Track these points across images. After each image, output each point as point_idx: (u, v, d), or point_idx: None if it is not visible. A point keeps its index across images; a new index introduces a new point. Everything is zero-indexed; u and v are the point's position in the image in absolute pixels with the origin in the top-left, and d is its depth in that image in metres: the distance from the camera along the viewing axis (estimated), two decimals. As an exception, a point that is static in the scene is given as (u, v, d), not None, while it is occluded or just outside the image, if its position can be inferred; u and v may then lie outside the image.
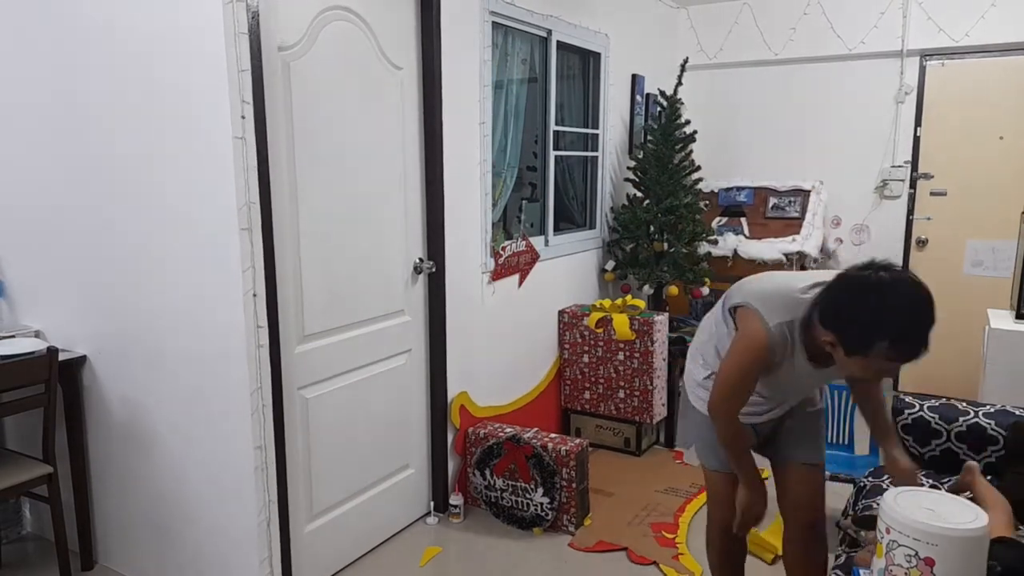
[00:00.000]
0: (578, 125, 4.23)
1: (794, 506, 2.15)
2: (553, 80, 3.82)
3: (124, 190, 2.46)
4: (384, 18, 2.79)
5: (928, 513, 1.28)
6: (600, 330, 3.93)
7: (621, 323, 3.85)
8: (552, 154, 3.91)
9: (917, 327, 1.59)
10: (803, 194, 4.84)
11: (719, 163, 5.21)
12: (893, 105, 4.73)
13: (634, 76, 4.63)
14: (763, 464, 2.09)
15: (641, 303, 4.09)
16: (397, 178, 2.93)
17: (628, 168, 4.53)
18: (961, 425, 2.58)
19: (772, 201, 4.90)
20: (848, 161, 4.90)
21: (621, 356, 3.89)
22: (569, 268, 4.15)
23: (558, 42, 3.82)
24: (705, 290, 4.46)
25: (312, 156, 2.54)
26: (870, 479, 2.59)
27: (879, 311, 1.59)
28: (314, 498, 2.70)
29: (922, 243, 4.76)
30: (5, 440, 3.00)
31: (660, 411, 3.95)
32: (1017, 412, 2.56)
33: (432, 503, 3.29)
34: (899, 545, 1.28)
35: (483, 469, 3.23)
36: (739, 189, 5.00)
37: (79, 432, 2.74)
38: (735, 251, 4.71)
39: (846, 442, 3.86)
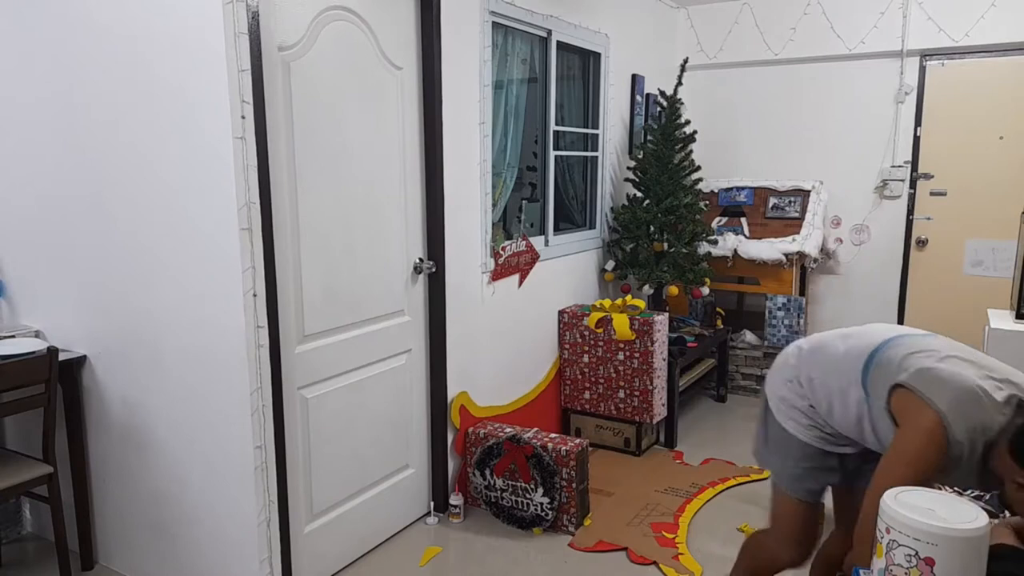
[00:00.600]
0: (578, 125, 4.23)
1: None
2: (553, 80, 3.82)
3: (124, 190, 2.46)
4: (384, 18, 2.79)
5: (928, 513, 1.28)
6: (600, 330, 3.93)
7: (621, 323, 3.85)
8: (552, 154, 3.91)
9: None
10: (803, 194, 4.85)
11: (719, 163, 5.21)
12: (893, 105, 4.73)
13: (634, 76, 4.63)
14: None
15: (641, 303, 4.09)
16: (397, 178, 2.93)
17: (628, 168, 4.53)
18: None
19: (772, 201, 4.90)
20: (848, 161, 4.91)
21: (621, 356, 3.89)
22: (569, 268, 4.15)
23: (558, 42, 3.82)
24: (705, 290, 4.47)
25: (312, 156, 2.54)
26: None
27: None
28: (314, 498, 2.70)
29: (922, 243, 4.76)
30: (5, 440, 3.00)
31: (660, 411, 3.95)
32: (1017, 412, 2.55)
33: (432, 503, 3.29)
34: (899, 545, 1.28)
35: (483, 469, 3.23)
36: (739, 189, 5.01)
37: (79, 432, 2.74)
38: (735, 251, 4.72)
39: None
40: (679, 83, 4.38)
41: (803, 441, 1.93)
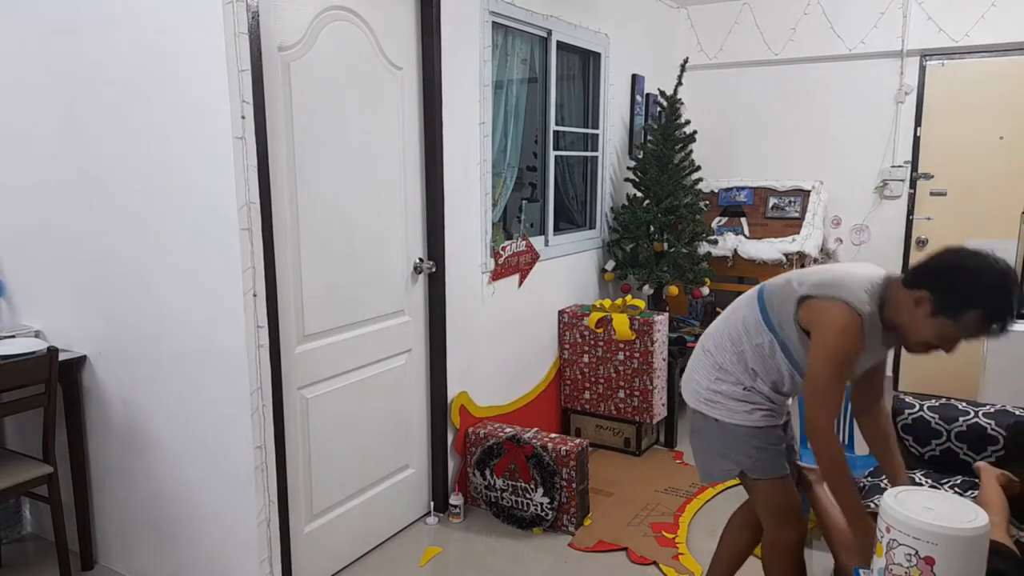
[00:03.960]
0: (578, 125, 4.23)
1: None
2: (553, 80, 3.82)
3: (123, 190, 2.46)
4: (384, 18, 2.79)
5: (928, 512, 1.28)
6: (600, 330, 3.93)
7: (621, 323, 3.85)
8: (552, 154, 3.91)
9: (1010, 306, 1.68)
10: (803, 194, 4.85)
11: (719, 163, 5.21)
12: (893, 105, 4.73)
13: (634, 76, 4.63)
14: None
15: (641, 303, 4.09)
16: (397, 178, 2.93)
17: (628, 168, 4.53)
18: (961, 425, 2.57)
19: (772, 201, 4.90)
20: (848, 161, 4.91)
21: (621, 356, 3.89)
22: (569, 268, 4.15)
23: (558, 42, 3.82)
24: (705, 290, 4.46)
25: (312, 156, 2.54)
26: (869, 479, 2.59)
27: (982, 282, 1.69)
28: (314, 498, 2.70)
29: (922, 243, 4.76)
30: (5, 440, 3.00)
31: (660, 411, 3.95)
32: (1017, 412, 2.56)
33: (432, 503, 3.28)
34: (899, 544, 1.28)
35: (483, 469, 3.23)
36: (739, 189, 5.01)
37: (79, 432, 2.74)
38: (735, 251, 4.71)
39: (846, 442, 3.86)
40: (679, 83, 4.38)
41: (755, 427, 2.03)
